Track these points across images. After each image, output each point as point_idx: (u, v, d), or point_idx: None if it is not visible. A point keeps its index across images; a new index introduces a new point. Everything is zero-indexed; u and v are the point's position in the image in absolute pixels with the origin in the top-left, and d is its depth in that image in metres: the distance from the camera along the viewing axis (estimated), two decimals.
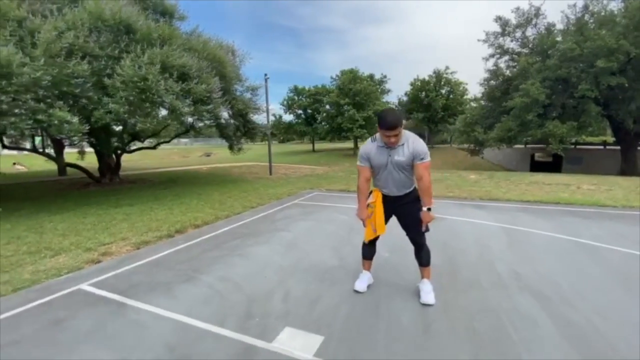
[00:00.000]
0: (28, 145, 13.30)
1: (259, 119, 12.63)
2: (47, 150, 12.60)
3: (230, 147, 11.46)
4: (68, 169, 13.35)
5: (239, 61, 10.90)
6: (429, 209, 2.50)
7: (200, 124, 10.99)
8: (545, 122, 15.79)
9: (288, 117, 39.13)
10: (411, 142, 2.47)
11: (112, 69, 6.80)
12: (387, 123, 2.36)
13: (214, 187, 9.82)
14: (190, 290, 2.96)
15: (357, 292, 2.83)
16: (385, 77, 35.63)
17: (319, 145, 42.31)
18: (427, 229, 2.69)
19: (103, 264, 3.67)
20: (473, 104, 24.99)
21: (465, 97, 34.24)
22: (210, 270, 3.42)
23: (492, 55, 20.44)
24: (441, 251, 3.84)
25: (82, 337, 2.25)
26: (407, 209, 2.65)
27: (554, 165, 21.85)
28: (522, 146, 23.17)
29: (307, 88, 36.28)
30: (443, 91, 35.69)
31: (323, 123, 31.75)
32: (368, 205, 2.71)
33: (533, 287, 2.90)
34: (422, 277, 2.78)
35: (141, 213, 6.37)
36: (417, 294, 2.74)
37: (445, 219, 5.48)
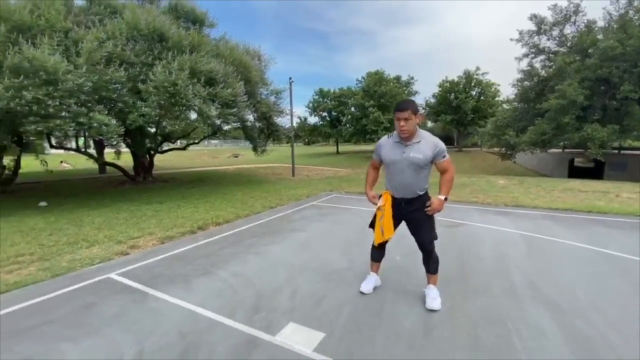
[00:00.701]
0: (73, 145, 14.47)
1: (283, 121, 12.92)
2: (89, 150, 13.61)
3: (254, 149, 11.81)
4: (107, 167, 14.36)
5: (264, 65, 11.24)
6: (445, 199, 2.50)
7: (227, 127, 11.42)
8: (583, 125, 14.83)
9: (313, 120, 39.53)
10: (429, 140, 2.46)
11: (145, 75, 7.29)
12: (398, 105, 2.44)
13: (238, 187, 10.17)
14: (205, 283, 3.15)
15: (362, 293, 2.88)
16: (412, 78, 35.17)
17: (343, 148, 42.31)
18: (436, 237, 2.69)
19: (130, 256, 3.97)
20: (505, 106, 23.97)
21: (497, 98, 32.88)
22: (226, 265, 3.61)
23: (526, 55, 19.56)
24: (455, 257, 3.79)
25: (107, 320, 2.49)
26: (416, 215, 2.62)
27: (595, 172, 20.41)
28: (560, 150, 21.89)
29: (332, 90, 36.46)
30: (473, 92, 34.52)
31: (348, 125, 31.71)
32: (378, 208, 2.74)
33: (547, 298, 2.80)
34: (429, 283, 2.78)
35: (169, 210, 6.76)
36: (423, 299, 2.74)
37: (464, 224, 5.37)
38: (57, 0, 7.47)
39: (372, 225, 2.86)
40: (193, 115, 8.86)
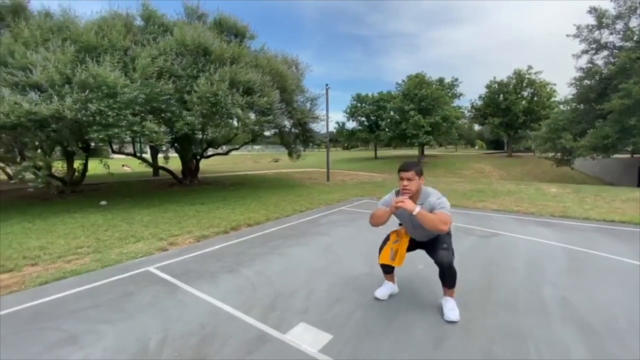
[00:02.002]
0: (132, 150, 16.08)
1: (318, 127, 13.16)
2: (144, 155, 15.00)
3: (290, 154, 12.17)
4: (160, 170, 15.72)
5: (300, 73, 11.59)
6: (416, 208, 2.35)
7: (266, 133, 11.92)
8: None
9: (351, 125, 39.47)
10: (431, 200, 2.50)
11: (190, 86, 7.93)
12: (402, 166, 2.53)
13: (273, 191, 10.56)
14: (230, 280, 3.37)
15: (377, 299, 2.89)
16: (456, 80, 33.65)
17: (382, 152, 41.67)
18: (453, 255, 2.62)
19: (169, 252, 4.36)
20: (562, 107, 21.95)
21: (552, 99, 30.20)
22: (250, 264, 3.82)
23: (585, 52, 17.81)
24: (481, 268, 3.62)
25: (141, 308, 2.79)
26: (438, 240, 2.66)
27: None
28: (628, 156, 19.51)
29: (370, 95, 36.16)
30: (525, 93, 32.06)
31: (387, 130, 31.16)
32: (396, 233, 2.78)
33: (580, 317, 2.58)
34: (445, 295, 2.71)
35: (208, 211, 7.24)
36: (440, 310, 2.67)
37: (498, 234, 5.07)
38: (119, 21, 8.46)
39: (384, 243, 2.85)
40: (234, 123, 9.43)
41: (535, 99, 31.28)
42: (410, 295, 3.00)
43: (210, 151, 14.06)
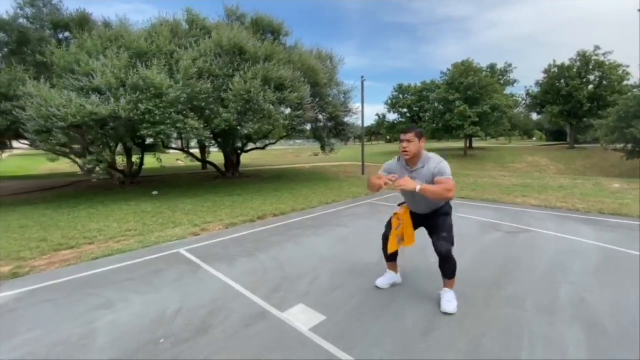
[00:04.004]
0: (184, 146, 17.48)
1: (354, 120, 13.14)
2: (191, 150, 16.25)
3: (322, 148, 12.35)
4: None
5: (334, 67, 11.65)
6: (417, 186, 2.31)
7: (300, 127, 12.24)
8: None
9: (392, 117, 38.42)
10: (432, 164, 2.49)
11: (227, 85, 8.45)
12: (402, 129, 2.57)
13: (305, 184, 10.86)
14: (246, 263, 3.68)
15: (377, 287, 2.97)
16: (510, 66, 31.14)
17: (425, 145, 39.94)
18: (452, 242, 2.60)
19: (200, 237, 4.82)
20: (637, 92, 19.24)
21: (625, 83, 26.48)
22: (267, 250, 4.10)
23: None
24: (498, 265, 3.50)
25: (167, 283, 3.19)
26: (435, 222, 2.64)
27: None
28: None
29: (412, 85, 34.75)
30: (592, 77, 28.48)
31: (430, 121, 29.79)
32: (397, 217, 2.78)
33: (593, 318, 2.43)
34: (445, 286, 2.71)
35: (243, 202, 7.74)
36: (438, 301, 2.68)
37: (528, 231, 4.77)
38: (166, 27, 9.25)
39: (385, 237, 2.87)
40: (267, 119, 9.84)
41: (604, 83, 27.66)
42: (411, 286, 3.03)
43: (249, 146, 14.77)
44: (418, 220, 2.76)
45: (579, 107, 27.82)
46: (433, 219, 2.67)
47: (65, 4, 10.30)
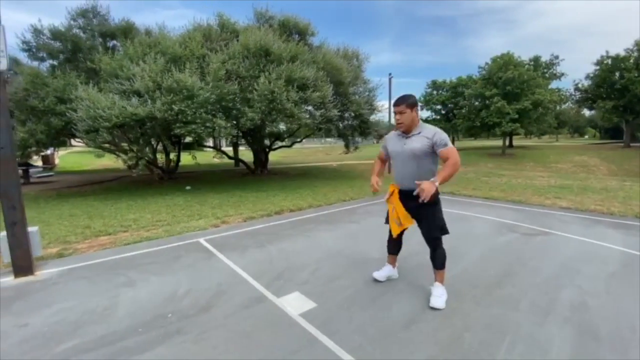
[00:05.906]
0: (218, 144, 18.46)
1: (379, 117, 13.06)
2: (222, 148, 17.10)
3: (346, 146, 12.42)
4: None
5: (359, 65, 11.67)
6: (438, 183, 2.37)
7: (322, 126, 12.42)
8: None
9: (425, 114, 37.23)
10: (429, 131, 2.55)
11: (252, 86, 8.85)
12: (395, 101, 2.64)
13: (328, 181, 11.04)
14: (255, 253, 3.95)
15: (374, 280, 3.09)
16: (556, 58, 28.90)
17: (460, 144, 38.39)
18: (446, 231, 2.67)
19: (219, 228, 5.20)
20: None
21: None
22: (278, 242, 4.35)
23: None
24: (503, 266, 3.46)
25: (182, 268, 3.54)
26: (421, 210, 2.63)
27: None
28: None
29: (447, 81, 33.38)
30: None
31: (465, 118, 28.43)
32: (388, 202, 2.90)
33: (587, 322, 2.37)
34: (435, 280, 2.76)
35: (266, 197, 8.10)
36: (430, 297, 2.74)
37: (547, 233, 4.58)
38: (199, 32, 9.86)
39: (387, 220, 3.02)
40: (291, 118, 10.13)
41: None
42: (407, 280, 3.11)
43: (277, 144, 15.23)
44: (409, 205, 2.72)
45: (636, 101, 25.10)
46: (422, 208, 2.61)
47: (112, 15, 11.36)
